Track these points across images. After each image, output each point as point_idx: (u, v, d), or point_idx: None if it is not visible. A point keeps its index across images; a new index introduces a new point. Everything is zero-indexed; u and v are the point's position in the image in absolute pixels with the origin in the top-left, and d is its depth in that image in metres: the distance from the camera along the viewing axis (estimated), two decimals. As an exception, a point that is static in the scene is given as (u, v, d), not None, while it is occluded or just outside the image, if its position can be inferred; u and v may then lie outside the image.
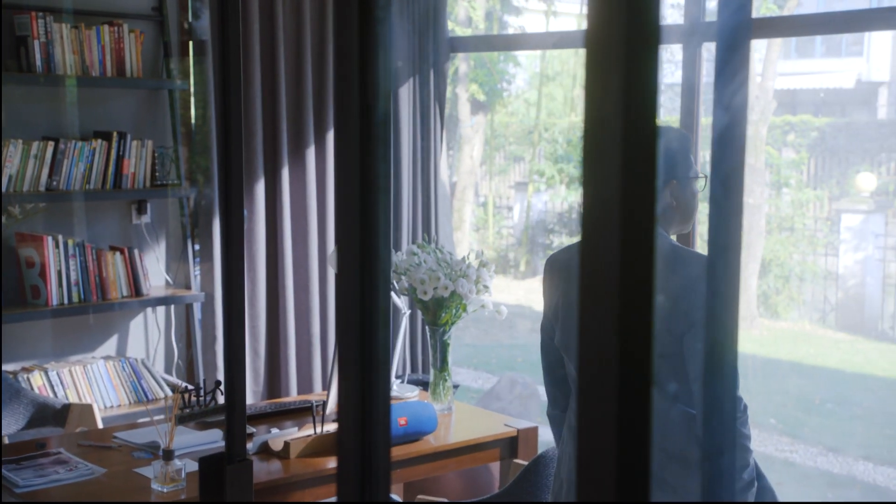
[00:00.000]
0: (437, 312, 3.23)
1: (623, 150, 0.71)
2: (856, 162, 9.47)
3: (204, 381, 3.51)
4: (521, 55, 10.53)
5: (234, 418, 1.93)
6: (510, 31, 10.12)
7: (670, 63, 12.12)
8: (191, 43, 4.27)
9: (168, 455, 2.66)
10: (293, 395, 4.11)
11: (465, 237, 9.81)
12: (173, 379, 4.18)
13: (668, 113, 11.97)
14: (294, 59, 4.12)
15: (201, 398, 2.69)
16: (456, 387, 3.51)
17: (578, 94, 11.27)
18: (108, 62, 3.92)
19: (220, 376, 4.08)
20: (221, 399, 3.23)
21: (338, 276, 0.89)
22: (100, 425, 3.51)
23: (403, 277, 3.26)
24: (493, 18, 10.13)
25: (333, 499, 2.88)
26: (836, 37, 12.18)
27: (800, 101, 11.33)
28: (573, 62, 10.89)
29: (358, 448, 0.91)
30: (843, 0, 11.95)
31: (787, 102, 10.95)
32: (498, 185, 10.91)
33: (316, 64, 4.15)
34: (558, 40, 4.32)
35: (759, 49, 8.82)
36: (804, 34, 5.71)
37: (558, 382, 2.47)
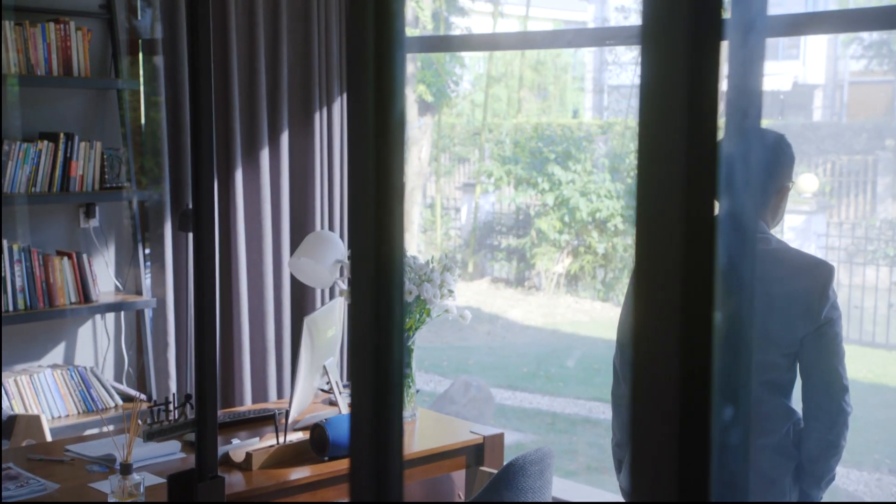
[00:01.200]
0: (400, 317, 3.16)
1: (687, 151, 0.67)
2: (794, 163, 9.60)
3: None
4: (466, 56, 10.49)
5: (206, 433, 1.85)
6: (456, 31, 10.08)
7: (615, 65, 12.21)
8: (140, 42, 4.14)
9: (126, 469, 2.55)
10: (248, 404, 4.02)
11: (413, 239, 9.74)
12: (124, 387, 4.05)
13: (613, 115, 12.05)
14: (247, 59, 4.02)
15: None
16: (417, 392, 3.46)
17: (524, 95, 11.27)
18: (54, 61, 3.79)
19: (173, 384, 3.97)
20: (177, 412, 3.12)
21: (351, 288, 0.84)
22: (48, 437, 3.39)
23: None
24: (440, 19, 10.08)
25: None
26: (773, 40, 12.35)
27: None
28: (518, 63, 10.88)
29: (373, 475, 0.85)
30: (779, 5, 12.13)
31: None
32: (444, 187, 10.87)
33: (269, 64, 4.05)
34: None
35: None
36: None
37: None
